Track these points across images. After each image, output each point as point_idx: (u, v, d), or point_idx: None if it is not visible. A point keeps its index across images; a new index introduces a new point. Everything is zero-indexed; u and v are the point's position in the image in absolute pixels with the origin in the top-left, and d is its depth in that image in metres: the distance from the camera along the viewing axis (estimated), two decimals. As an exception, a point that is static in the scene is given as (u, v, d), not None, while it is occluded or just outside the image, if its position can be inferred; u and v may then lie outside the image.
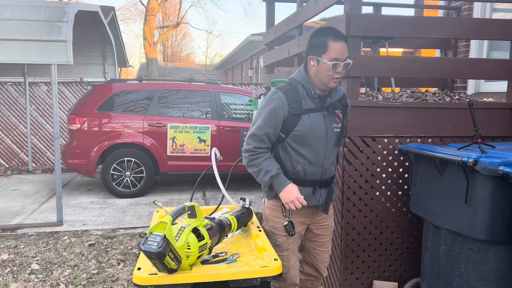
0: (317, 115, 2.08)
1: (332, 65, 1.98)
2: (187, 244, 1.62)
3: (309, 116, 2.06)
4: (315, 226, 2.27)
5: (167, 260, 1.53)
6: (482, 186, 2.07)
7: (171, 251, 1.53)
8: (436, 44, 5.05)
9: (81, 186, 6.97)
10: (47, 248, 4.04)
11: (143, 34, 20.50)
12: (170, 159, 6.25)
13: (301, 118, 2.05)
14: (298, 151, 2.08)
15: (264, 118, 2.04)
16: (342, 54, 2.00)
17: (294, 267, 2.23)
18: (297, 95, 2.07)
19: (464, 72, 3.03)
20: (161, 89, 6.47)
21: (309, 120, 2.05)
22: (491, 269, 2.13)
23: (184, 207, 1.73)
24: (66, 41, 4.61)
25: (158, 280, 1.60)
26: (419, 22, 2.82)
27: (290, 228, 2.12)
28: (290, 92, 2.07)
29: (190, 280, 1.62)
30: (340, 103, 2.18)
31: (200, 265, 1.72)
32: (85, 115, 6.16)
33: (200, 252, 1.66)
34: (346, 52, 2.02)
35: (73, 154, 6.16)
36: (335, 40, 1.98)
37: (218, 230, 1.85)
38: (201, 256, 1.70)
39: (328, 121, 2.10)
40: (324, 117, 2.09)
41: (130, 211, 5.42)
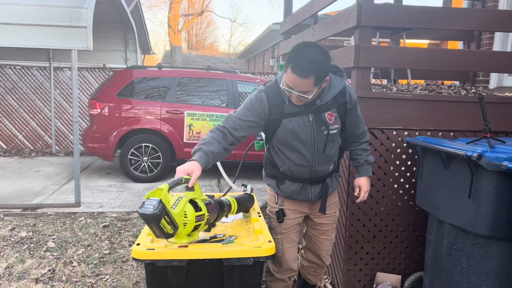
0: (300, 119, 1.99)
1: (283, 88, 1.91)
2: (184, 213, 1.66)
3: (290, 120, 1.98)
4: (315, 215, 2.28)
5: (163, 223, 1.57)
6: (486, 181, 2.03)
7: (167, 214, 1.57)
8: (459, 36, 4.91)
9: (100, 170, 7.15)
10: (63, 228, 4.19)
11: (167, 22, 20.67)
12: (186, 146, 6.34)
13: (281, 122, 1.98)
14: (283, 152, 2.07)
15: (241, 109, 2.03)
16: (294, 84, 1.84)
17: (290, 252, 2.24)
18: (278, 99, 1.99)
19: (480, 65, 2.95)
20: (179, 77, 6.55)
21: (290, 125, 1.98)
22: (493, 265, 2.09)
23: (181, 178, 1.76)
24: (86, 27, 4.72)
25: (155, 255, 1.66)
26: (432, 13, 2.76)
27: (279, 215, 2.16)
28: (272, 95, 1.99)
29: (186, 256, 1.68)
30: (335, 102, 2.02)
31: (197, 244, 1.76)
32: (105, 100, 6.30)
33: (197, 222, 1.69)
34: (300, 85, 1.83)
35: (93, 138, 6.33)
36: (290, 70, 1.83)
37: (216, 207, 1.89)
38: (199, 227, 1.72)
39: (315, 124, 2.00)
40: (309, 121, 1.99)
41: (146, 196, 5.54)
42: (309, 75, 1.79)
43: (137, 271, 3.28)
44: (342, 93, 2.03)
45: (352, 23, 2.70)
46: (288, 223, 2.21)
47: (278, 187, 2.18)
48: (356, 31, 2.69)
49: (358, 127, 2.22)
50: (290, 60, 1.83)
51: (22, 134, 8.71)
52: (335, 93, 2.00)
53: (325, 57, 1.85)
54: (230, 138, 1.96)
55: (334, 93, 2.00)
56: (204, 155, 1.85)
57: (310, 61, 1.79)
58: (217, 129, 1.96)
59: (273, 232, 2.19)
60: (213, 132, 1.94)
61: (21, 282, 3.03)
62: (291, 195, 2.17)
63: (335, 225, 2.36)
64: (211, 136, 1.92)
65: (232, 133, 1.96)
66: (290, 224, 2.22)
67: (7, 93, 8.59)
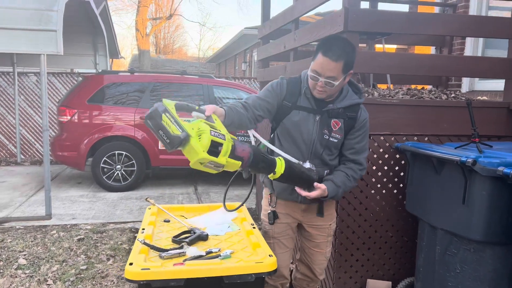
0: (307, 115, 2.02)
1: (310, 76, 1.94)
2: (197, 127, 1.53)
3: (299, 113, 2.02)
4: (308, 224, 2.23)
5: (165, 121, 1.47)
6: (480, 186, 2.04)
7: (170, 115, 1.48)
8: (431, 41, 5.02)
9: (70, 179, 6.86)
10: (34, 243, 3.96)
11: (135, 25, 20.27)
12: (162, 153, 6.17)
13: (291, 112, 2.02)
14: (282, 143, 2.08)
15: (262, 91, 2.09)
16: (323, 70, 1.88)
17: (281, 258, 2.17)
18: (296, 89, 2.05)
19: (463, 71, 3.00)
20: (154, 82, 6.38)
21: (297, 117, 2.02)
22: (487, 270, 2.10)
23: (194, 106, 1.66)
24: (56, 31, 4.50)
25: (150, 275, 1.55)
26: (417, 18, 2.78)
27: (271, 217, 2.16)
28: (292, 84, 2.06)
29: (183, 275, 1.58)
30: (345, 113, 2.03)
31: (193, 262, 1.66)
32: (75, 106, 6.05)
33: (214, 137, 1.53)
34: (329, 70, 1.87)
35: (63, 146, 6.06)
36: (322, 54, 1.88)
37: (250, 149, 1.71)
38: (220, 151, 1.55)
39: (320, 126, 2.03)
40: (315, 121, 2.02)
41: (121, 205, 5.35)
42: (340, 59, 1.85)
43: (118, 287, 3.12)
44: (355, 108, 2.05)
45: (339, 28, 2.68)
46: (280, 227, 2.18)
47: (271, 182, 2.15)
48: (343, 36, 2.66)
49: (357, 154, 2.10)
50: (322, 45, 1.89)
51: (-16, 142, 8.25)
52: (347, 104, 2.03)
53: (353, 48, 1.93)
54: (250, 112, 1.97)
55: (347, 103, 2.03)
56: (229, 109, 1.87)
57: (342, 46, 1.88)
58: (238, 102, 2.00)
59: (265, 236, 2.16)
60: (237, 105, 1.97)
61: (-8, 305, 2.82)
62: (282, 192, 2.14)
63: (330, 238, 2.29)
64: (236, 106, 1.95)
65: (252, 109, 1.98)
66: (282, 229, 2.19)
67: (-33, 99, 8.13)
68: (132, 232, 4.32)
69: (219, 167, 1.59)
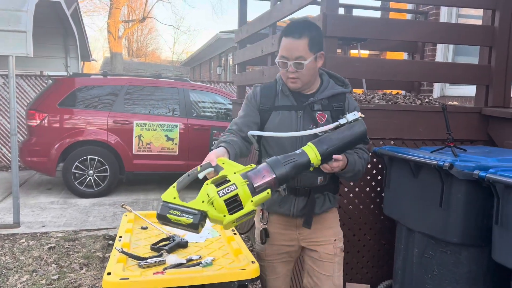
0: (290, 114, 1.86)
1: (279, 64, 1.81)
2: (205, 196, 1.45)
3: (279, 113, 1.87)
4: (308, 242, 1.95)
5: (173, 218, 1.44)
6: (456, 189, 2.08)
7: (174, 209, 1.44)
8: (404, 47, 5.15)
9: (39, 185, 6.63)
10: (2, 252, 3.79)
11: (107, 28, 19.89)
12: (136, 158, 6.05)
13: (271, 115, 1.88)
14: (267, 151, 1.90)
15: (240, 109, 1.98)
16: (289, 52, 1.76)
17: (273, 285, 1.98)
18: (272, 91, 1.92)
19: (438, 76, 3.08)
20: (127, 85, 6.25)
21: (277, 118, 1.86)
22: (463, 271, 2.15)
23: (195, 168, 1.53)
24: (26, 32, 4.35)
25: (130, 285, 1.50)
26: (394, 24, 2.83)
27: (262, 235, 1.93)
28: (267, 88, 1.95)
29: (164, 284, 1.53)
30: (330, 104, 1.87)
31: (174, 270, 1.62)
32: (45, 110, 5.86)
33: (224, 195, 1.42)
34: (295, 49, 1.75)
35: (32, 151, 5.85)
36: (284, 36, 1.78)
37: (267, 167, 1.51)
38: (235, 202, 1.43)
39: (304, 122, 1.84)
40: (298, 117, 1.85)
41: (93, 212, 5.20)
42: (303, 36, 1.74)
43: (92, 297, 3.02)
44: (339, 98, 1.90)
45: (317, 34, 2.69)
46: (273, 248, 1.94)
47: None
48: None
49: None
50: (283, 31, 1.80)
51: None
52: (330, 93, 1.88)
53: (316, 26, 1.84)
54: (238, 137, 1.83)
55: (328, 93, 1.88)
56: (226, 143, 1.70)
57: (303, 24, 1.79)
58: (225, 132, 1.87)
59: (257, 258, 1.95)
60: (223, 135, 1.83)
61: (-44, 319, 2.67)
62: (272, 205, 1.90)
63: (338, 259, 1.96)
64: (223, 136, 1.81)
65: (239, 133, 1.85)
66: (275, 251, 1.94)
67: None
68: (106, 240, 4.20)
69: (252, 213, 1.46)
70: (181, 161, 6.19)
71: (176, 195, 1.48)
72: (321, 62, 1.85)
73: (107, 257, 3.75)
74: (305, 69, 1.77)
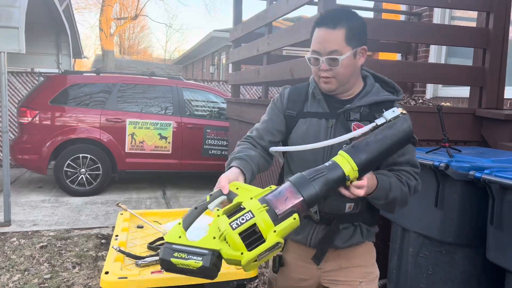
0: (319, 122, 1.53)
1: (311, 61, 1.49)
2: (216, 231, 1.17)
3: (306, 121, 1.55)
4: (327, 280, 1.59)
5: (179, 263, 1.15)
6: (452, 189, 2.11)
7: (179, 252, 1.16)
8: (398, 48, 5.18)
9: (30, 183, 6.55)
10: (-7, 251, 3.74)
11: (99, 25, 19.75)
12: (128, 156, 6.02)
13: (297, 123, 1.56)
14: (290, 166, 1.60)
15: (265, 113, 1.68)
16: (321, 45, 1.44)
17: None
18: (301, 94, 1.60)
19: (431, 77, 3.10)
20: (120, 83, 6.21)
21: (304, 126, 1.54)
22: (458, 271, 2.17)
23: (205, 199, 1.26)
24: (18, 28, 4.29)
25: (128, 284, 1.49)
26: (386, 25, 2.85)
27: (275, 262, 1.61)
28: (297, 90, 1.63)
29: (163, 283, 1.53)
30: (371, 113, 1.49)
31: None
32: (37, 107, 5.79)
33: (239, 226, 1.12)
34: (329, 42, 1.43)
35: (23, 149, 5.79)
36: (317, 26, 1.47)
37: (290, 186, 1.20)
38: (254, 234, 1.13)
39: (335, 133, 1.49)
40: (328, 127, 1.51)
41: (86, 210, 5.16)
42: (340, 25, 1.42)
43: (85, 296, 3.00)
44: (385, 107, 1.46)
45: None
46: (286, 281, 1.61)
47: None
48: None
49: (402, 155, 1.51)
50: (316, 19, 1.50)
51: None
52: (372, 100, 1.51)
53: (357, 16, 1.51)
54: (259, 147, 1.57)
55: (371, 100, 1.51)
56: (239, 160, 1.43)
57: (340, 12, 1.49)
58: (242, 140, 1.60)
59: (267, 285, 1.72)
60: (239, 145, 1.58)
61: None
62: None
63: None
64: (240, 147, 1.54)
65: (259, 142, 1.57)
66: (289, 284, 1.61)
67: None
68: (99, 238, 4.17)
69: (277, 246, 1.15)
70: (174, 160, 6.17)
71: (182, 233, 1.19)
72: (363, 60, 1.51)
73: (100, 256, 3.72)
74: (340, 67, 1.44)
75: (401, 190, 1.44)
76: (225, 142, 6.26)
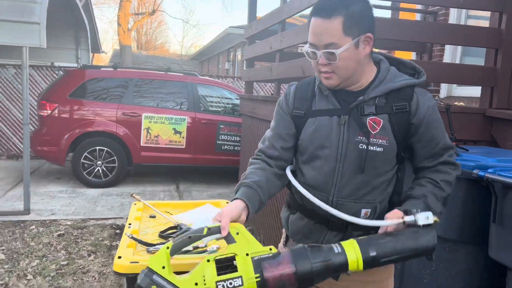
0: (330, 120, 1.37)
1: (308, 55, 1.35)
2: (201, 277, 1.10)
3: (315, 120, 1.39)
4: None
5: None
6: (456, 188, 2.13)
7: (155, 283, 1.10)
8: (412, 47, 5.18)
9: (49, 174, 6.75)
10: (13, 238, 3.90)
11: (117, 20, 20.00)
12: (143, 150, 6.15)
13: (306, 123, 1.41)
14: (301, 168, 1.46)
15: (273, 117, 1.52)
16: (317, 37, 1.28)
17: None
18: (307, 91, 1.45)
19: (444, 77, 3.12)
20: (137, 78, 6.34)
21: (313, 126, 1.39)
22: (461, 268, 2.21)
23: (202, 229, 1.18)
24: (40, 23, 4.44)
25: (139, 268, 1.57)
26: (401, 25, 2.88)
27: None
28: (303, 86, 1.47)
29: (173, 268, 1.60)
30: (389, 104, 1.33)
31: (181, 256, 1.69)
32: (56, 101, 5.96)
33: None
34: (325, 33, 1.26)
35: (43, 141, 5.97)
36: (313, 15, 1.30)
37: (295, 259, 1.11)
38: None
39: (350, 130, 1.34)
40: (340, 124, 1.35)
41: (101, 202, 5.31)
42: (336, 13, 1.24)
43: (100, 283, 3.12)
44: (404, 94, 1.32)
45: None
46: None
47: (287, 219, 1.52)
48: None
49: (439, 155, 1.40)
50: (313, 7, 1.33)
51: (-41, 135, 8.03)
52: (387, 89, 1.33)
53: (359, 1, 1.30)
54: (270, 161, 1.44)
55: (386, 88, 1.33)
56: (246, 189, 1.32)
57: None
58: (253, 158, 1.48)
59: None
60: (251, 164, 1.46)
61: (-30, 299, 2.78)
62: (296, 234, 1.48)
63: None
64: (250, 168, 1.43)
65: (269, 154, 1.44)
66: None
67: None
68: (113, 229, 4.31)
69: None
70: (188, 154, 6.28)
71: (166, 262, 1.13)
72: (369, 49, 1.32)
73: (114, 246, 3.85)
74: (339, 61, 1.28)
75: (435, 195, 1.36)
76: (238, 137, 6.34)
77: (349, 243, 1.14)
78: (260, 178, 1.36)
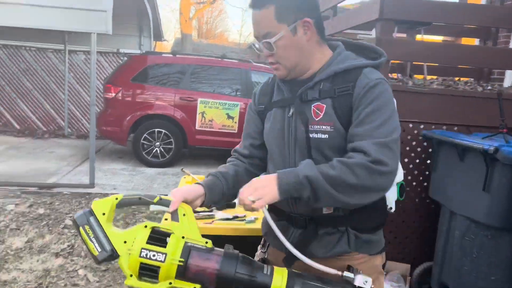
0: (281, 112, 1.33)
1: (254, 48, 1.34)
2: (132, 239, 1.12)
3: (272, 112, 1.37)
4: None
5: (83, 235, 1.13)
6: (501, 174, 2.09)
7: (90, 228, 1.13)
8: (476, 33, 4.93)
9: (112, 153, 7.27)
10: (79, 207, 4.31)
11: (179, 9, 20.61)
12: (198, 133, 6.43)
13: (266, 117, 1.40)
14: (269, 170, 1.43)
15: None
16: (255, 28, 1.27)
17: None
18: (270, 86, 1.43)
19: (505, 63, 2.99)
20: (194, 64, 6.61)
21: (270, 119, 1.37)
22: (503, 256, 2.16)
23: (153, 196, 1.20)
24: (106, 11, 4.78)
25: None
26: (452, 8, 2.80)
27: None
28: (268, 82, 1.46)
29: (212, 232, 1.76)
30: (333, 88, 1.24)
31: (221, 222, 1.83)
32: (120, 84, 6.38)
33: (146, 259, 1.08)
34: (259, 25, 1.25)
35: (107, 121, 6.43)
36: (251, 8, 1.26)
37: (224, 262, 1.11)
38: (156, 275, 1.10)
39: (295, 123, 1.28)
40: (288, 116, 1.30)
41: (158, 180, 5.65)
42: (266, 2, 1.22)
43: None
44: (350, 76, 1.24)
45: (374, 16, 2.74)
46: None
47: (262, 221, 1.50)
48: (378, 24, 2.74)
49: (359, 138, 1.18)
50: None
51: (36, 115, 8.84)
52: (331, 72, 1.25)
53: None
54: (244, 159, 1.46)
55: (330, 71, 1.25)
56: (211, 177, 1.36)
57: None
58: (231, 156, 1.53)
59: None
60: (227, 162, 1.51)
61: (42, 256, 3.15)
62: (268, 234, 1.43)
63: None
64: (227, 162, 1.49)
65: (241, 153, 1.47)
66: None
67: (22, 74, 8.70)
68: (167, 204, 4.59)
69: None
70: (240, 139, 6.43)
71: (108, 210, 1.16)
72: (310, 34, 1.25)
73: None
74: (279, 49, 1.24)
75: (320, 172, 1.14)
76: (289, 124, 6.41)
77: (280, 270, 1.13)
78: (228, 170, 1.38)
